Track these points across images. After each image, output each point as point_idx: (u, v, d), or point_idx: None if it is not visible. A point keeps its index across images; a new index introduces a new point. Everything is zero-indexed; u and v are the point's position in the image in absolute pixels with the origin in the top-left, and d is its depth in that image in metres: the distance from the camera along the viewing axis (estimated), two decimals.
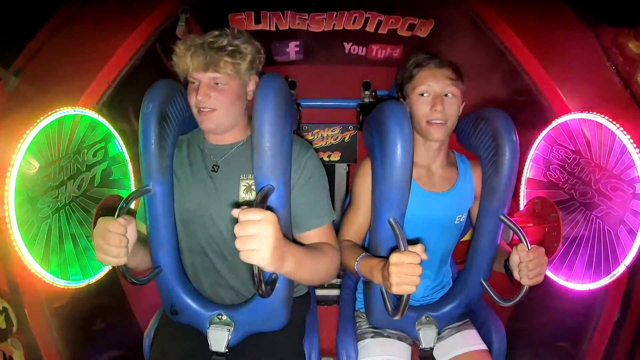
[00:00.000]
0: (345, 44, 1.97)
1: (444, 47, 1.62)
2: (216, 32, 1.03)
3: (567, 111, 1.33)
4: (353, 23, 1.81)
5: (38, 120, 1.09)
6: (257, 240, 0.72)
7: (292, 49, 1.97)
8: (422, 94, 1.10)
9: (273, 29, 1.82)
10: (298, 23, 1.81)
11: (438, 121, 1.09)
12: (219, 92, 1.01)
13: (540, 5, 1.51)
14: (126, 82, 1.39)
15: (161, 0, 1.50)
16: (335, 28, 1.82)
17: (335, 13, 1.77)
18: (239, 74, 1.03)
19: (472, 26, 1.63)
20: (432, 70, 1.10)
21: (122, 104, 1.43)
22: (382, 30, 1.83)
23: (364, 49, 1.98)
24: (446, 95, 1.09)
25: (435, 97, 1.09)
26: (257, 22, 1.80)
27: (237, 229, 0.72)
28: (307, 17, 1.79)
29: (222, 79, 1.01)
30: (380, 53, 1.97)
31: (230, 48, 1.00)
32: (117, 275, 1.52)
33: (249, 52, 1.04)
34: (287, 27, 1.82)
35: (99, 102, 1.33)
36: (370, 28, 1.83)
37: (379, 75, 1.93)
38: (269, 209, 0.88)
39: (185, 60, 1.00)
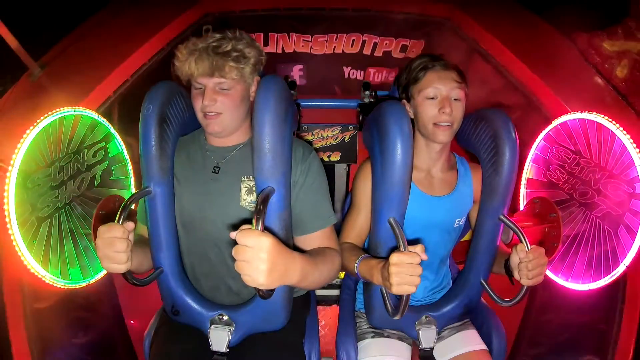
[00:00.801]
0: (344, 68, 2.12)
1: None
2: (217, 35, 1.02)
3: (564, 112, 1.34)
4: (351, 46, 1.99)
5: (38, 120, 1.09)
6: (251, 267, 0.72)
7: (297, 72, 2.12)
8: (430, 97, 1.10)
9: (279, 51, 1.99)
10: (302, 45, 1.98)
11: (445, 123, 1.08)
12: (225, 96, 1.02)
13: (517, 19, 1.67)
14: (138, 87, 1.47)
15: (179, 15, 1.66)
16: (335, 51, 2.00)
17: (335, 35, 1.94)
18: (244, 78, 1.04)
19: (460, 44, 1.75)
20: (439, 72, 1.10)
21: (130, 110, 1.49)
22: (378, 53, 2.00)
23: (362, 73, 2.13)
24: (454, 99, 1.09)
25: (443, 99, 1.08)
26: (266, 44, 1.97)
27: (234, 253, 0.72)
28: (310, 39, 1.96)
29: (227, 84, 1.01)
30: (378, 77, 2.13)
31: (235, 53, 1.00)
32: (111, 278, 1.53)
33: (252, 56, 1.04)
34: (292, 50, 1.99)
35: (103, 104, 1.39)
36: (367, 51, 2.00)
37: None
38: (270, 211, 0.89)
39: (189, 65, 1.00)
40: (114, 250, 0.85)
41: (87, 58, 1.43)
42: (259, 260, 0.71)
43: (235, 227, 0.75)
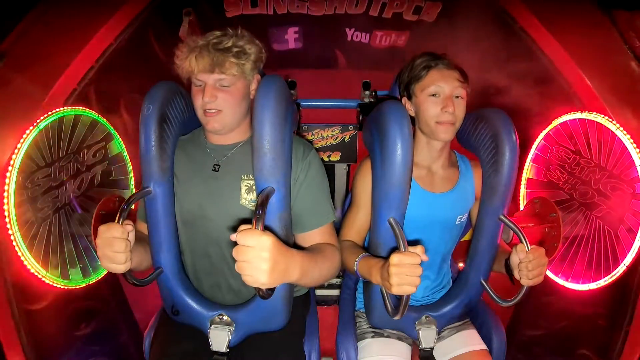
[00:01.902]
0: (347, 30, 1.86)
1: (452, 33, 1.53)
2: (218, 33, 1.03)
3: (589, 93, 1.27)
4: (355, 6, 1.72)
5: (38, 120, 1.10)
6: (253, 267, 0.72)
7: (291, 35, 1.87)
8: (433, 95, 1.10)
9: (270, 12, 1.72)
10: (297, 6, 1.71)
11: (448, 122, 1.08)
12: (226, 93, 1.02)
13: None
14: (109, 65, 1.38)
15: None
16: (336, 12, 1.73)
17: None
18: (244, 74, 1.03)
19: (484, 9, 1.56)
20: (442, 71, 1.10)
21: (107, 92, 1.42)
22: (387, 14, 1.73)
23: (367, 35, 1.86)
24: (456, 96, 1.09)
25: (446, 98, 1.08)
26: (254, 4, 1.70)
27: (235, 253, 0.72)
28: None
29: (227, 80, 1.01)
30: (385, 40, 1.87)
31: (235, 49, 1.00)
32: (110, 277, 1.52)
33: (253, 52, 1.04)
34: (285, 11, 1.73)
35: (72, 94, 1.31)
36: (373, 12, 1.73)
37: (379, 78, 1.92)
38: (270, 211, 0.89)
39: (190, 62, 1.00)
40: (113, 250, 0.85)
41: (50, 42, 1.31)
42: (260, 260, 0.72)
43: (235, 227, 0.75)
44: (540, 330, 1.54)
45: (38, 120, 1.09)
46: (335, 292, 1.93)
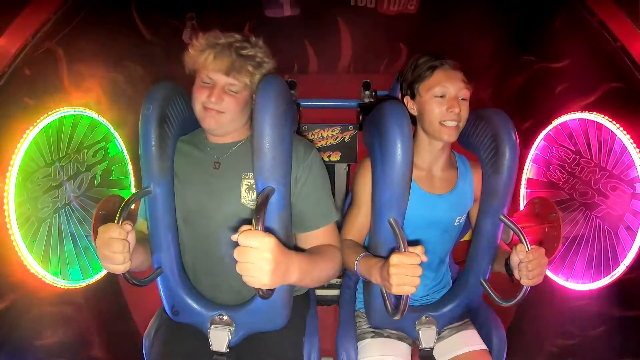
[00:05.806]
0: None
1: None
2: (238, 36, 1.02)
3: None
4: None
5: (38, 120, 1.09)
6: (255, 268, 0.72)
7: (286, 0, 1.66)
8: (439, 95, 1.09)
9: None
10: None
11: (452, 123, 1.08)
12: (231, 98, 1.01)
13: None
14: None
15: None
16: None
17: None
18: (252, 84, 1.03)
19: None
20: (448, 72, 1.09)
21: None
22: None
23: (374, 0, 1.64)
24: (461, 98, 1.09)
25: (451, 99, 1.08)
26: None
27: (236, 255, 0.72)
28: None
29: (237, 86, 1.01)
30: (393, 5, 1.66)
31: (256, 59, 1.01)
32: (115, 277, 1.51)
33: (266, 67, 1.04)
34: None
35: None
36: None
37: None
38: (270, 211, 0.88)
39: (206, 57, 0.98)
40: (111, 250, 0.85)
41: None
42: (263, 261, 0.72)
43: (235, 226, 0.75)
44: (575, 340, 1.45)
45: (38, 120, 1.09)
46: (335, 292, 1.93)
